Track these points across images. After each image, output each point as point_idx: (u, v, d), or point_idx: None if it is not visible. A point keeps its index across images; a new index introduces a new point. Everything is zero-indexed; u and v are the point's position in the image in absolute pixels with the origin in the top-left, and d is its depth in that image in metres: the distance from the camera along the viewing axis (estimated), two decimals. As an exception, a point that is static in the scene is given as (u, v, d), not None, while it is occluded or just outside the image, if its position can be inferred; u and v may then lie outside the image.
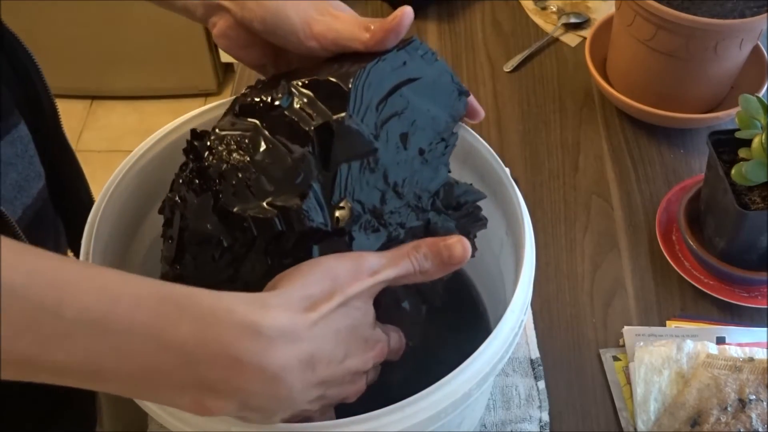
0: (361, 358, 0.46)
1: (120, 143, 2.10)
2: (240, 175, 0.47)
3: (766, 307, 0.77)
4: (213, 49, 2.12)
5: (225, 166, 0.48)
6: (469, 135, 0.61)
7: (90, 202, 0.77)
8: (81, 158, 0.80)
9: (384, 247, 0.49)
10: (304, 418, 0.45)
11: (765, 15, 0.82)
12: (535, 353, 0.74)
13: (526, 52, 1.03)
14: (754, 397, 0.67)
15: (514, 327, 0.51)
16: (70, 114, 2.19)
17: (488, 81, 1.01)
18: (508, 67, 1.02)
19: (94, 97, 2.21)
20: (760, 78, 0.91)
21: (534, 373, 0.73)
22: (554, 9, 1.10)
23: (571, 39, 1.06)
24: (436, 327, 0.70)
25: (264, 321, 0.39)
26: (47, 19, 2.04)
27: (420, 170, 0.52)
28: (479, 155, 0.61)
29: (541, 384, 0.72)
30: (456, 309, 0.71)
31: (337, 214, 0.47)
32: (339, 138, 0.48)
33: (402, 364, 0.67)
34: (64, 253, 0.76)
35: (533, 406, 0.71)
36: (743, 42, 0.85)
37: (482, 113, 0.59)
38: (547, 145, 0.93)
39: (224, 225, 0.47)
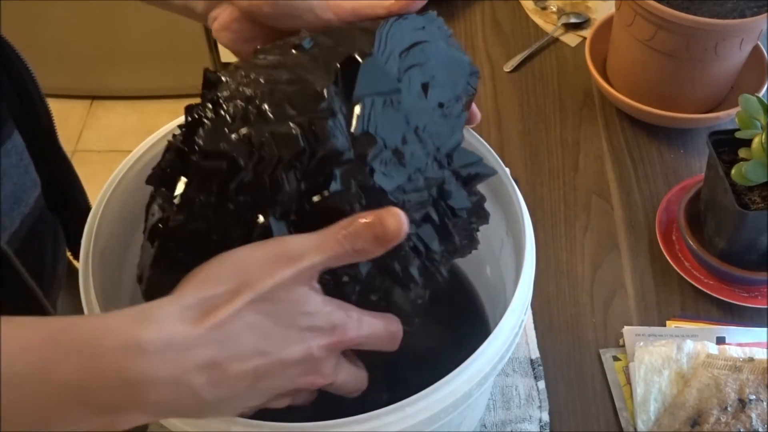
0: (299, 347, 0.43)
1: (120, 143, 2.10)
2: (259, 102, 0.46)
3: (766, 307, 0.77)
4: (213, 49, 2.12)
5: (246, 92, 0.46)
6: (469, 135, 0.61)
7: (86, 204, 0.76)
8: (81, 158, 0.81)
9: (403, 191, 0.47)
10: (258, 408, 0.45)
11: (765, 15, 0.82)
12: (535, 353, 0.74)
13: (526, 52, 1.03)
14: (754, 397, 0.67)
15: (514, 327, 0.51)
16: (70, 114, 2.19)
17: (488, 81, 1.01)
18: (508, 67, 1.02)
19: (94, 97, 2.21)
20: (760, 78, 0.91)
21: (534, 373, 0.73)
22: (554, 9, 1.10)
23: (571, 39, 1.06)
24: (436, 327, 0.70)
25: (145, 336, 0.38)
26: (47, 19, 2.04)
27: (439, 123, 0.51)
28: (479, 156, 0.61)
29: (541, 384, 0.72)
30: (456, 309, 0.71)
31: (360, 141, 0.46)
32: (364, 71, 0.47)
33: (402, 363, 0.68)
34: (64, 256, 0.76)
35: (533, 406, 0.71)
36: (743, 42, 0.85)
37: (479, 116, 0.58)
38: (547, 145, 0.93)
39: (241, 144, 0.45)
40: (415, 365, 0.67)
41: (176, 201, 0.46)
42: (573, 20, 1.08)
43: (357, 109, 0.46)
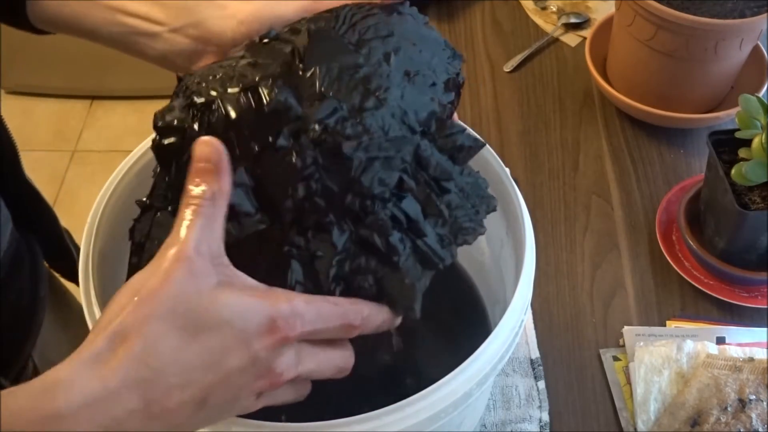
0: (234, 356, 0.39)
1: (120, 143, 2.10)
2: (217, 80, 0.47)
3: (766, 307, 0.77)
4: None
5: (207, 76, 0.48)
6: (469, 135, 0.61)
7: (55, 222, 0.75)
8: (81, 158, 0.80)
9: (364, 149, 0.46)
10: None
11: (765, 15, 0.82)
12: (535, 353, 0.74)
13: (526, 52, 1.03)
14: (754, 397, 0.67)
15: (514, 327, 0.51)
16: (70, 114, 2.19)
17: (488, 81, 1.01)
18: (508, 67, 1.02)
19: (94, 97, 2.21)
20: (760, 78, 0.91)
21: (534, 373, 0.73)
22: (554, 9, 1.10)
23: (571, 39, 1.06)
24: (435, 327, 0.70)
25: (58, 405, 0.36)
26: (47, 19, 2.04)
27: (406, 88, 0.49)
28: (479, 155, 0.61)
29: (541, 384, 0.72)
30: (456, 309, 0.71)
31: (309, 98, 0.46)
32: (318, 40, 0.48)
33: (402, 363, 0.68)
34: (44, 276, 0.74)
35: (533, 406, 0.71)
36: (743, 42, 0.85)
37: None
38: (547, 145, 0.93)
39: (192, 114, 0.46)
40: (415, 365, 0.67)
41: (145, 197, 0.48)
42: (573, 20, 1.08)
43: (308, 74, 0.46)
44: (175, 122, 0.47)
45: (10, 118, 0.73)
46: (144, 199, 0.49)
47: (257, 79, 0.46)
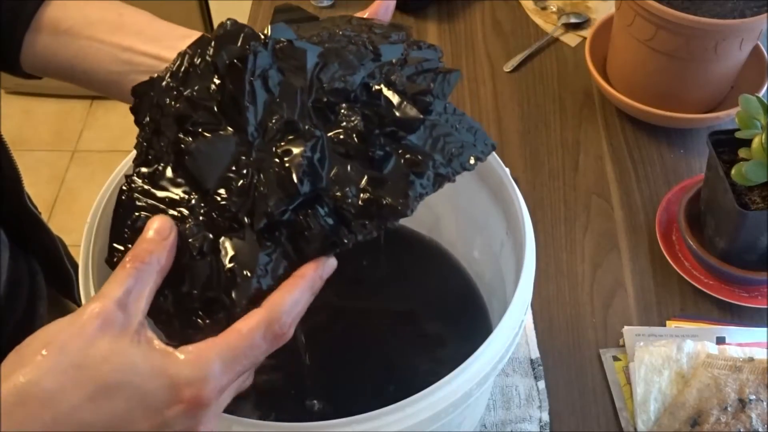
0: (149, 422, 0.39)
1: (120, 143, 2.10)
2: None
3: (766, 307, 0.77)
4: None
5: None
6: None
7: (56, 247, 0.75)
8: (81, 158, 0.80)
9: (317, 44, 0.48)
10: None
11: (765, 15, 0.82)
12: (535, 353, 0.74)
13: (526, 52, 1.03)
14: (754, 397, 0.67)
15: (515, 327, 0.51)
16: (70, 114, 2.19)
17: (488, 81, 1.01)
18: (508, 67, 1.02)
19: (94, 98, 2.21)
20: (760, 78, 0.91)
21: (534, 373, 0.73)
22: (554, 9, 1.10)
23: (571, 39, 1.06)
24: (436, 327, 0.70)
25: None
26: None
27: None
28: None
29: (541, 384, 0.72)
30: (456, 309, 0.71)
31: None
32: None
33: (402, 363, 0.68)
34: (41, 292, 0.72)
35: (533, 406, 0.71)
36: (743, 42, 0.85)
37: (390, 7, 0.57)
38: (547, 145, 0.93)
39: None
40: (414, 365, 0.67)
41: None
42: (573, 20, 1.08)
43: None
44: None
45: (10, 118, 0.72)
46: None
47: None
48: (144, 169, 0.47)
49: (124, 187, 0.47)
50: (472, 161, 0.48)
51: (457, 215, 0.69)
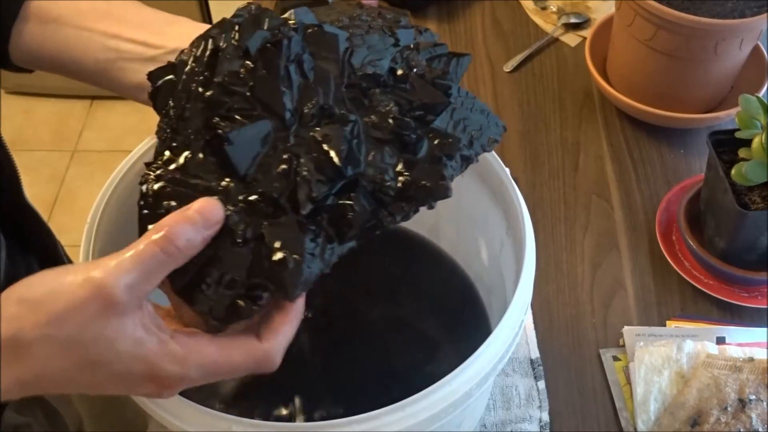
0: (120, 387, 0.42)
1: (120, 143, 2.10)
2: None
3: (766, 307, 0.77)
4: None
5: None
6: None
7: (54, 244, 0.75)
8: (81, 158, 0.79)
9: (345, 28, 0.48)
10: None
11: (765, 15, 0.82)
12: (535, 353, 0.74)
13: (526, 52, 1.03)
14: (754, 397, 0.67)
15: (514, 327, 0.51)
16: (70, 114, 2.19)
17: (488, 81, 1.01)
18: (508, 67, 1.02)
19: (94, 97, 2.21)
20: (760, 78, 0.91)
21: (534, 373, 0.73)
22: (554, 9, 1.10)
23: (571, 39, 1.06)
24: (436, 327, 0.70)
25: None
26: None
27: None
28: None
29: (541, 384, 0.72)
30: (456, 309, 0.71)
31: None
32: None
33: (402, 363, 0.68)
34: None
35: (533, 406, 0.71)
36: (743, 42, 0.85)
37: None
38: (547, 145, 0.93)
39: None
40: (415, 365, 0.67)
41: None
42: (573, 20, 1.07)
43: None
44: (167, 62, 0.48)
45: (10, 118, 0.72)
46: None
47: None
48: (170, 156, 0.46)
49: (149, 177, 0.46)
50: (490, 143, 0.49)
51: (457, 215, 0.69)
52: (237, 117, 0.45)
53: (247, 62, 0.46)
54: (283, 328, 0.44)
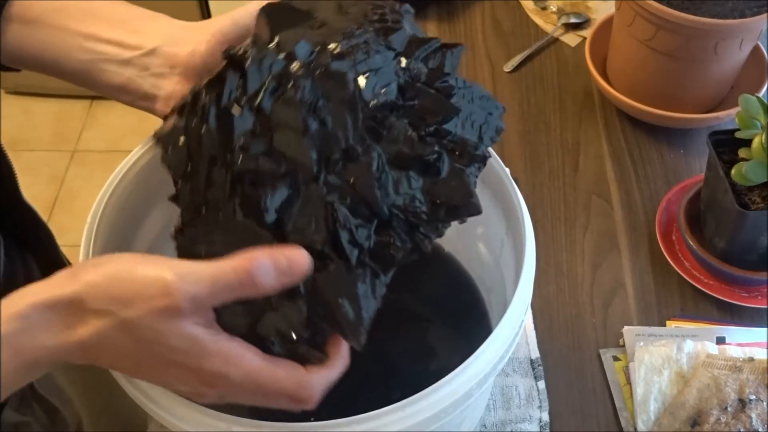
0: (161, 380, 0.44)
1: (120, 143, 2.10)
2: None
3: (766, 307, 0.77)
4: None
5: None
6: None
7: (52, 242, 0.75)
8: (81, 158, 0.79)
9: (352, 63, 0.47)
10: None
11: (765, 15, 0.82)
12: (535, 353, 0.74)
13: (526, 52, 1.03)
14: (754, 397, 0.67)
15: (515, 327, 0.51)
16: (70, 114, 2.19)
17: (488, 81, 1.01)
18: (508, 67, 1.02)
19: (94, 98, 2.21)
20: (760, 78, 0.91)
21: (534, 373, 0.73)
22: (554, 9, 1.10)
23: (571, 39, 1.06)
24: (436, 327, 0.70)
25: (32, 349, 0.41)
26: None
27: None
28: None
29: (541, 384, 0.72)
30: (456, 309, 0.71)
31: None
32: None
33: (402, 363, 0.68)
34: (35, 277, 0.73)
35: (533, 406, 0.71)
36: (743, 42, 0.85)
37: None
38: (547, 145, 0.93)
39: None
40: (415, 365, 0.67)
41: None
42: (573, 20, 1.07)
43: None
44: (173, 125, 0.47)
45: (10, 118, 0.72)
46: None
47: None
48: (202, 219, 0.46)
49: (180, 240, 0.47)
50: (498, 132, 0.51)
51: (457, 215, 0.69)
52: (266, 180, 0.45)
53: (262, 117, 0.45)
54: (328, 369, 0.46)
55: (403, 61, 0.49)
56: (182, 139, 0.48)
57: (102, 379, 0.51)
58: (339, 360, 0.46)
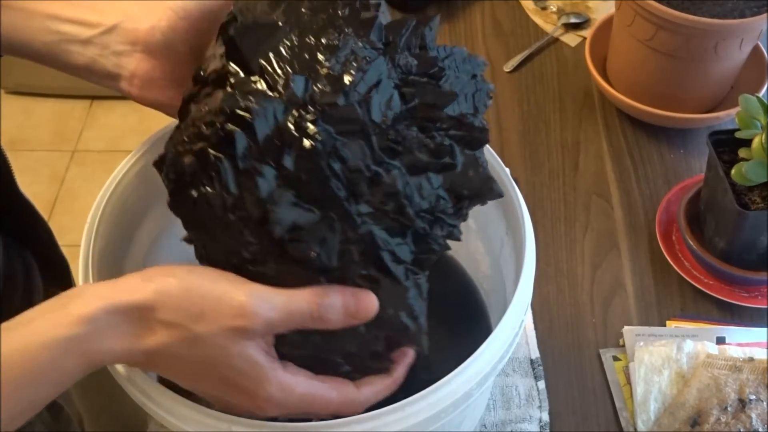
0: (220, 394, 0.45)
1: (120, 143, 2.10)
2: None
3: (766, 307, 0.77)
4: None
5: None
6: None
7: (50, 236, 0.74)
8: (81, 158, 0.79)
9: (355, 85, 0.46)
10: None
11: (765, 15, 0.82)
12: (535, 353, 0.74)
13: (526, 52, 1.03)
14: (754, 397, 0.67)
15: (514, 327, 0.51)
16: (70, 114, 2.19)
17: (488, 81, 1.01)
18: (508, 67, 1.02)
19: (94, 97, 2.21)
20: (760, 78, 0.91)
21: (534, 373, 0.73)
22: (554, 9, 1.10)
23: (571, 39, 1.06)
24: (436, 327, 0.70)
25: (99, 353, 0.42)
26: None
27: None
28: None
29: (541, 384, 0.72)
30: (456, 309, 0.71)
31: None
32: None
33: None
34: (37, 286, 0.72)
35: (533, 406, 0.71)
36: (743, 42, 0.85)
37: None
38: (547, 145, 0.93)
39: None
40: (415, 365, 0.67)
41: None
42: (573, 20, 1.07)
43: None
44: (178, 150, 0.46)
45: (10, 118, 0.72)
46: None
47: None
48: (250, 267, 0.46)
49: None
50: (489, 95, 0.52)
51: (457, 215, 0.69)
52: (307, 236, 0.45)
53: (284, 170, 0.44)
54: (379, 388, 0.49)
55: (393, 60, 0.48)
56: (194, 195, 0.46)
57: (103, 378, 0.50)
58: (391, 381, 0.49)
